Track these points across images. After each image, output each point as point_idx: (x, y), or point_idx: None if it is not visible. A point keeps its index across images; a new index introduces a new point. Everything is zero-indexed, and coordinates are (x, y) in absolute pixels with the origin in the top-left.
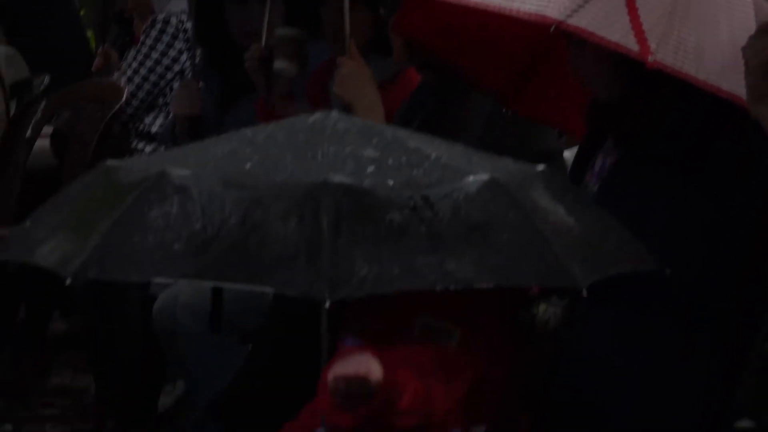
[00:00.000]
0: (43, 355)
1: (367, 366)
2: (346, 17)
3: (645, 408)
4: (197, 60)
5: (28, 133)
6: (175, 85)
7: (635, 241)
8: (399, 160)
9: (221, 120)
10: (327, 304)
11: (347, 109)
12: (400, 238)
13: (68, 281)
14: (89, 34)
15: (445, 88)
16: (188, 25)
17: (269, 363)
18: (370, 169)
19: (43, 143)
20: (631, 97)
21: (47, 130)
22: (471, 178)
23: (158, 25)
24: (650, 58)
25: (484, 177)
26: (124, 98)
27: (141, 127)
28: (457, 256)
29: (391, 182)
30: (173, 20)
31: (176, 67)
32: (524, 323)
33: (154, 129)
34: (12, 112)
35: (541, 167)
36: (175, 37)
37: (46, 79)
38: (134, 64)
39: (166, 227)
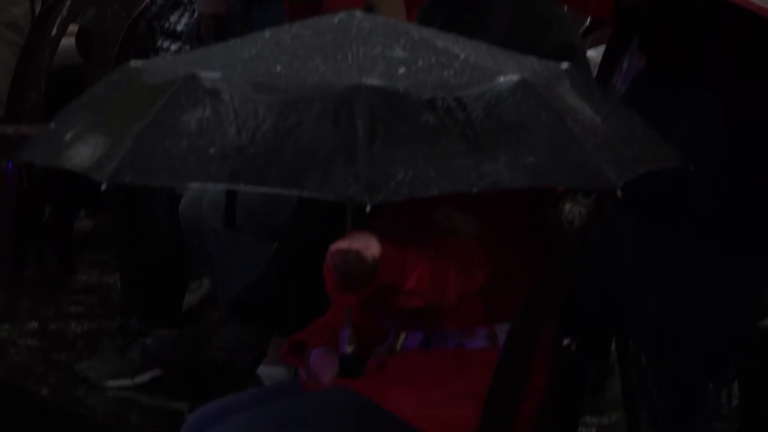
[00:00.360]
0: (70, 253)
1: (365, 242)
2: None
3: (666, 315)
4: None
5: (54, 31)
6: None
7: (661, 141)
8: (429, 60)
9: (247, 19)
10: (368, 209)
11: (369, 8)
12: (435, 141)
13: (104, 186)
14: None
15: None
16: None
17: (295, 261)
18: (401, 70)
19: (68, 41)
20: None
21: (73, 28)
22: (501, 78)
23: None
24: None
25: (514, 77)
26: None
27: (166, 25)
28: (492, 157)
29: (423, 84)
30: None
31: None
32: (549, 222)
33: (179, 28)
34: (37, 10)
35: (565, 65)
36: None
37: None
38: None
39: (200, 132)
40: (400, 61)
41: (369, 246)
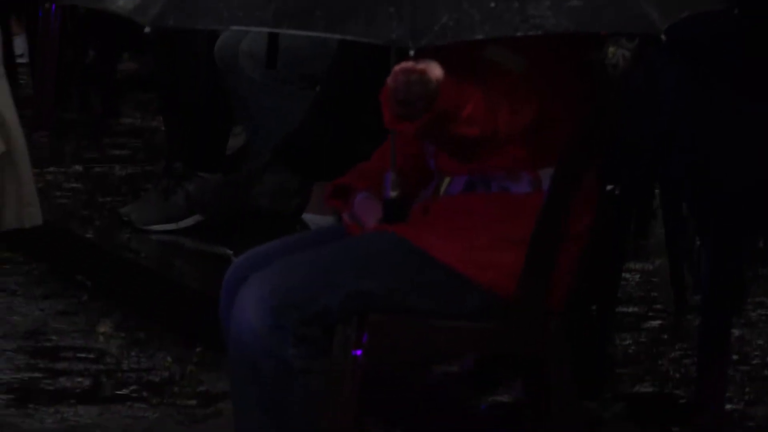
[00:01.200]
0: (113, 95)
1: (428, 64)
2: None
3: (707, 163)
4: None
5: None
6: None
7: None
8: None
9: None
10: (411, 53)
11: None
12: None
13: (147, 29)
14: None
15: None
16: None
17: (337, 105)
18: None
19: None
20: None
21: None
22: None
23: None
24: None
25: None
26: None
27: None
28: (536, 1)
29: None
30: None
31: None
32: (593, 66)
33: None
34: None
35: None
36: None
37: None
38: None
39: None
40: None
41: (432, 68)
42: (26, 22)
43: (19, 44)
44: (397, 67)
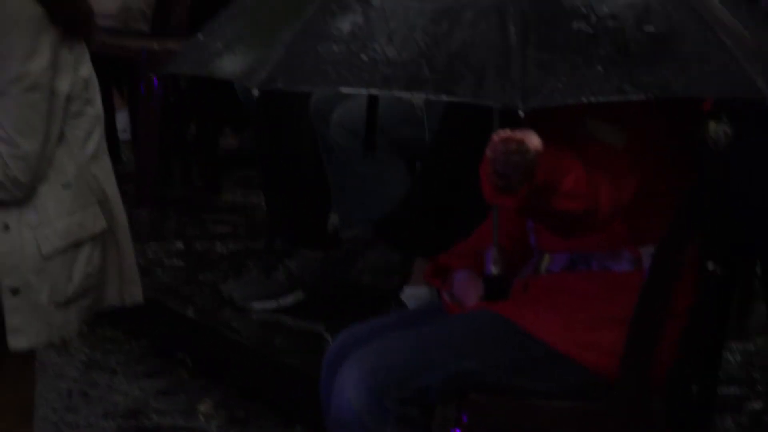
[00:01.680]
0: (214, 171)
1: (526, 134)
2: None
3: None
4: None
5: None
6: None
7: None
8: None
9: None
10: (521, 114)
11: None
12: (587, 48)
13: (255, 92)
14: None
15: None
16: None
17: (440, 181)
18: None
19: None
20: None
21: None
22: None
23: None
24: None
25: None
26: None
27: None
28: (643, 66)
29: None
30: None
31: None
32: (695, 140)
33: None
34: None
35: None
36: None
37: None
38: None
39: (352, 38)
40: None
41: (531, 137)
42: (128, 98)
43: (121, 119)
44: (495, 137)
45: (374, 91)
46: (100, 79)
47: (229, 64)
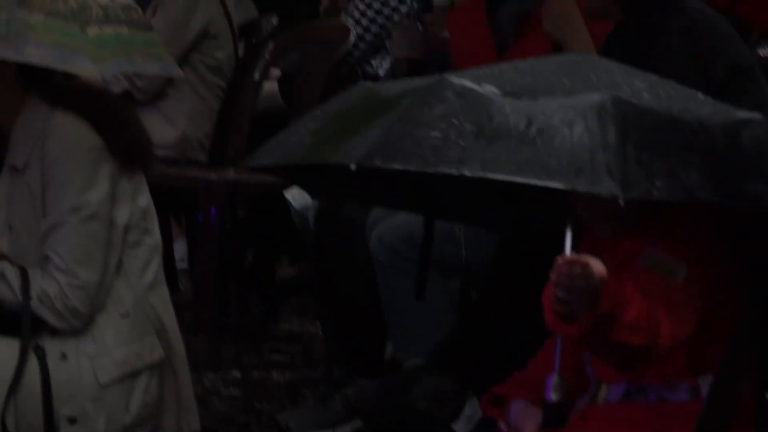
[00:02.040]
0: (271, 300)
1: (591, 259)
2: None
3: None
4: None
5: (257, 75)
6: None
7: None
8: (669, 92)
9: (445, 64)
10: (621, 202)
11: (558, 47)
12: (682, 154)
13: (353, 167)
14: None
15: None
16: None
17: (495, 311)
18: (646, 95)
19: (271, 85)
20: None
21: (275, 72)
22: (740, 113)
23: None
24: None
25: (754, 114)
26: (351, 40)
27: (368, 69)
28: (737, 178)
29: (668, 108)
30: None
31: (403, 8)
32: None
33: (381, 72)
34: (240, 53)
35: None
36: None
37: (274, 20)
38: (361, 6)
39: (449, 125)
40: (642, 89)
41: (595, 262)
42: (186, 227)
43: (179, 249)
44: (560, 259)
45: (471, 173)
46: (158, 208)
47: (323, 151)
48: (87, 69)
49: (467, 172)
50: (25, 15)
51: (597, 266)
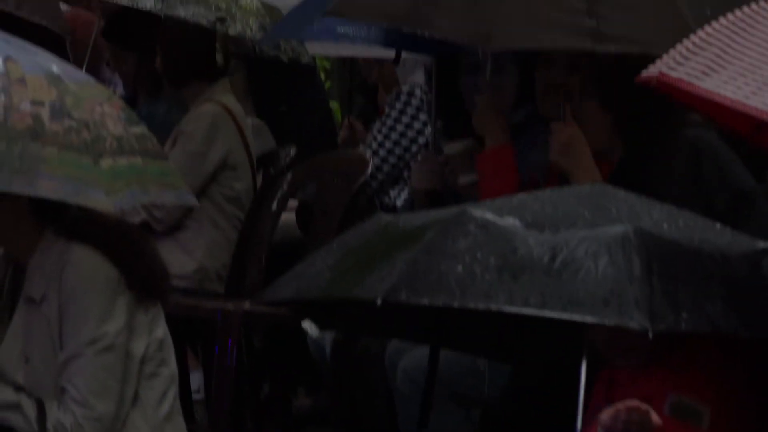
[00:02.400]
0: (289, 430)
1: (646, 407)
2: (562, 81)
3: None
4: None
5: (274, 205)
6: None
7: None
8: (687, 222)
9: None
10: (650, 335)
11: (564, 177)
12: (706, 285)
13: (379, 302)
14: (335, 106)
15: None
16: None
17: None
18: (665, 225)
19: (288, 216)
20: None
21: (293, 203)
22: (760, 244)
23: (403, 97)
24: None
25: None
26: (369, 171)
27: (386, 200)
28: (756, 309)
29: (689, 237)
30: (418, 92)
31: (421, 140)
32: None
33: (399, 203)
34: (258, 183)
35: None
36: (419, 108)
37: (292, 151)
38: (379, 137)
39: (473, 259)
40: (662, 219)
41: (650, 411)
42: (202, 357)
43: (195, 380)
44: (621, 404)
45: (497, 308)
46: (175, 338)
47: (344, 286)
48: (100, 202)
49: (494, 307)
50: (39, 148)
51: (655, 417)
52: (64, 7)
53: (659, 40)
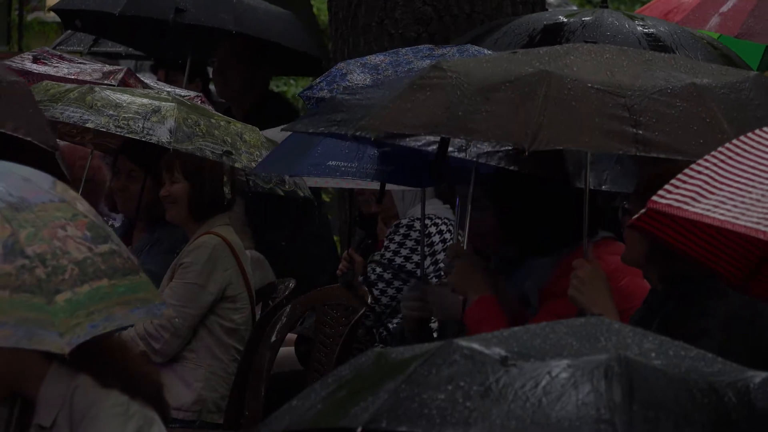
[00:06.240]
0: None
1: None
2: (585, 219)
3: None
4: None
5: (273, 337)
6: None
7: None
8: (678, 352)
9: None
10: None
11: (581, 312)
12: (691, 413)
13: (359, 430)
14: (336, 238)
15: (682, 295)
16: (431, 229)
17: None
18: (654, 356)
19: (287, 349)
20: None
21: (291, 336)
22: (750, 373)
23: (402, 230)
24: None
25: (762, 374)
26: (368, 303)
27: (384, 333)
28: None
29: (677, 366)
30: (417, 224)
31: (419, 272)
32: None
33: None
34: (257, 316)
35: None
36: (418, 241)
37: (291, 284)
38: (378, 269)
39: (456, 387)
40: (650, 350)
41: None
42: None
43: None
44: None
45: None
46: None
47: (331, 416)
48: (54, 343)
49: None
50: None
51: None
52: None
53: (702, 152)
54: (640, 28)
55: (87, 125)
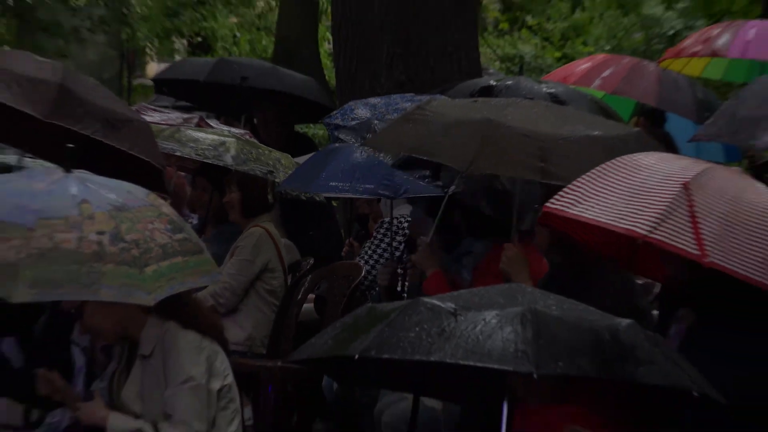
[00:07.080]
0: None
1: None
2: (515, 214)
3: None
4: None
5: (299, 296)
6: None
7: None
8: (570, 306)
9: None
10: (535, 375)
11: (507, 279)
12: (579, 345)
13: (356, 356)
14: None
15: (576, 268)
16: (404, 225)
17: None
18: (554, 308)
19: (309, 305)
20: (697, 282)
21: (311, 296)
22: (618, 320)
23: (386, 225)
24: (707, 260)
25: (629, 321)
26: (362, 275)
27: (373, 294)
28: (625, 361)
29: (574, 317)
30: (395, 222)
31: (397, 255)
32: None
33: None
34: (288, 282)
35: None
36: (396, 233)
37: (311, 261)
38: (369, 252)
39: (422, 329)
40: (552, 305)
41: None
42: (252, 398)
43: (247, 412)
44: None
45: (436, 359)
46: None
47: (338, 348)
48: (144, 299)
49: (434, 359)
50: (100, 266)
51: None
52: None
53: None
54: (545, 89)
55: (176, 153)
